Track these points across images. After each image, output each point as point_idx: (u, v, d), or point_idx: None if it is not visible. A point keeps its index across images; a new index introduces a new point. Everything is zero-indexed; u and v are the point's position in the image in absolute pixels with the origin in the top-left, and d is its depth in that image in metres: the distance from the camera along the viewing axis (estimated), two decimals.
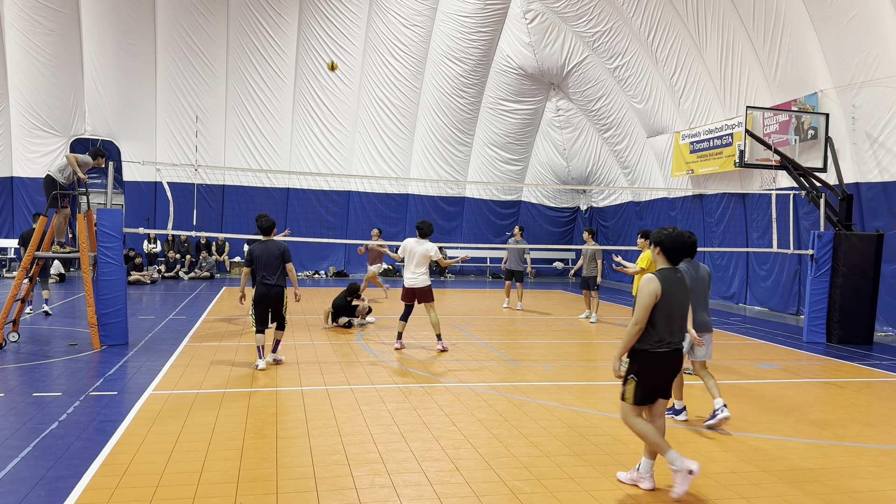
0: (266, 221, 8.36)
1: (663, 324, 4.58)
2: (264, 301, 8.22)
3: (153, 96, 20.80)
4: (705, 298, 6.51)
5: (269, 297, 8.19)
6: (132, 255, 19.02)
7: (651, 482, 4.77)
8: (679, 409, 6.56)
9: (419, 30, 21.35)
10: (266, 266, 8.15)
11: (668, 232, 4.71)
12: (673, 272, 4.70)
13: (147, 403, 6.54)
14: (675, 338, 4.67)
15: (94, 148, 10.12)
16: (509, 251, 15.17)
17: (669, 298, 4.58)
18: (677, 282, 4.67)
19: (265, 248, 8.20)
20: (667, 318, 4.59)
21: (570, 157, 23.37)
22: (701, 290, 6.40)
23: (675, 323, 4.64)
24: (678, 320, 4.68)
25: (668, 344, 4.62)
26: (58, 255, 9.92)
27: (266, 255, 8.15)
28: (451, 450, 5.48)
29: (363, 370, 8.35)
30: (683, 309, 4.73)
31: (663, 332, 4.59)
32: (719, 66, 15.85)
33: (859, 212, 12.88)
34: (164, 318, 12.02)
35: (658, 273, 4.64)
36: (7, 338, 9.33)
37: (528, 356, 9.70)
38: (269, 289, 8.16)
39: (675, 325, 4.65)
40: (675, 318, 4.64)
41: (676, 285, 4.65)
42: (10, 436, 5.50)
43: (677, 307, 4.65)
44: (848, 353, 10.66)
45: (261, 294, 8.19)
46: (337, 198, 22.69)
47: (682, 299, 4.69)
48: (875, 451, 5.82)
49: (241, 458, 5.11)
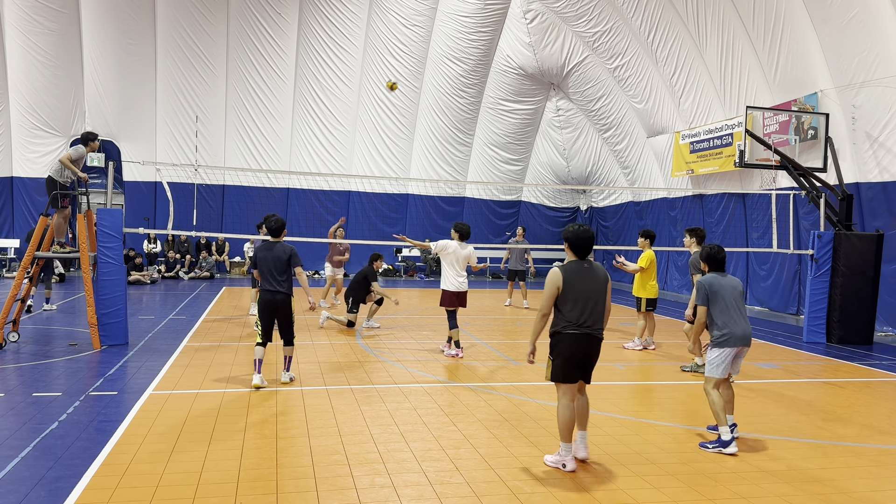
0: (276, 222, 7.61)
1: (569, 309, 5.09)
2: (270, 310, 7.39)
3: (153, 96, 20.80)
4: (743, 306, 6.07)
5: (275, 305, 7.37)
6: (132, 255, 19.02)
7: (573, 463, 5.12)
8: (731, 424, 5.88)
9: (419, 30, 21.35)
10: (271, 271, 7.36)
11: (573, 229, 5.27)
12: (579, 264, 5.21)
13: (147, 403, 6.54)
14: (585, 322, 5.10)
15: (84, 133, 9.84)
16: (511, 251, 15.18)
17: (574, 288, 5.09)
18: (583, 272, 5.16)
19: (270, 250, 7.42)
20: (573, 305, 5.08)
21: (570, 157, 23.37)
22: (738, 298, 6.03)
23: (582, 309, 5.09)
24: (588, 307, 5.10)
25: (577, 327, 5.08)
26: (58, 255, 9.92)
27: (271, 258, 7.37)
28: (451, 450, 5.48)
29: (363, 370, 8.34)
30: (593, 298, 5.13)
31: (571, 317, 5.09)
32: (719, 66, 15.86)
33: (859, 212, 12.88)
34: (164, 318, 12.02)
35: (562, 266, 5.20)
36: (7, 338, 9.33)
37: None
38: (273, 296, 7.35)
39: (583, 311, 5.09)
40: (580, 305, 5.09)
41: (581, 276, 5.14)
42: (10, 436, 5.50)
43: (583, 295, 5.10)
44: (848, 353, 10.66)
45: (266, 302, 7.38)
46: (337, 198, 22.69)
47: (587, 288, 5.11)
48: (875, 451, 5.82)
49: (241, 458, 5.11)
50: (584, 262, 5.25)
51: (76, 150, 9.59)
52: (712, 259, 6.10)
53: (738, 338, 5.82)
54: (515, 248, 15.02)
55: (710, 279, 5.95)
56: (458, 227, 9.48)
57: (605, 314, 5.25)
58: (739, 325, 5.84)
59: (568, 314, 5.11)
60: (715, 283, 5.91)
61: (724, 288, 5.90)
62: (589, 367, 5.25)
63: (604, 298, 5.22)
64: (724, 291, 5.88)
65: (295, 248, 7.57)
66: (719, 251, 6.09)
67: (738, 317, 5.86)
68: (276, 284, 7.37)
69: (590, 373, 5.29)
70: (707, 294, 5.88)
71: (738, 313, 5.87)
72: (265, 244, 7.58)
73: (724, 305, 5.85)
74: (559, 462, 5.16)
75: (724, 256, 6.10)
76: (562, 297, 5.13)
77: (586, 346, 5.14)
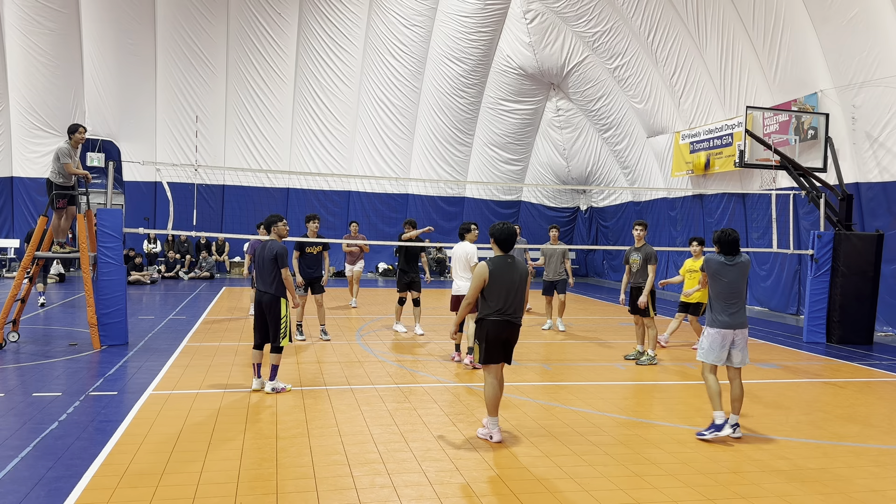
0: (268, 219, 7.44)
1: (494, 299, 5.68)
2: (259, 311, 7.17)
3: (153, 96, 20.79)
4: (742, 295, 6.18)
5: (262, 305, 7.11)
6: (132, 255, 19.02)
7: (500, 435, 5.73)
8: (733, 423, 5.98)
9: (419, 30, 21.35)
10: (261, 270, 7.15)
11: (499, 227, 5.82)
12: (503, 259, 5.77)
13: (147, 403, 6.54)
14: (506, 311, 5.69)
15: (69, 127, 9.54)
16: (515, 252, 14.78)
17: (498, 280, 5.67)
18: (506, 266, 5.72)
19: (263, 248, 7.17)
20: (497, 295, 5.67)
21: (570, 157, 23.36)
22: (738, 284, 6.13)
23: (504, 299, 5.67)
24: (510, 297, 5.69)
25: (499, 314, 5.68)
26: (58, 255, 9.91)
27: (262, 256, 7.12)
28: (451, 450, 5.48)
29: (363, 370, 8.34)
30: (514, 289, 5.72)
31: (495, 306, 5.67)
32: (719, 66, 15.85)
33: (859, 212, 12.87)
34: (164, 318, 12.02)
35: (489, 260, 5.75)
36: (7, 338, 9.33)
37: (528, 356, 9.70)
38: (261, 296, 7.10)
39: (505, 300, 5.67)
40: (503, 295, 5.67)
41: (505, 269, 5.71)
42: (10, 436, 5.50)
43: (506, 287, 5.68)
44: (848, 353, 10.66)
45: (256, 302, 7.22)
46: (337, 198, 22.69)
47: (510, 281, 5.70)
48: (875, 451, 5.81)
49: (241, 458, 5.11)
50: (508, 256, 5.81)
51: (62, 151, 9.20)
52: (722, 242, 6.17)
53: (727, 322, 5.99)
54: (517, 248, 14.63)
55: (714, 260, 6.15)
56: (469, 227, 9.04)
57: (523, 304, 5.86)
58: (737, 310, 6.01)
59: (492, 303, 5.69)
60: (717, 265, 6.11)
61: (727, 273, 6.07)
62: (509, 349, 5.86)
63: (524, 289, 5.83)
64: (726, 276, 6.05)
65: (285, 248, 7.18)
66: (731, 233, 6.15)
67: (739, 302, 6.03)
68: (263, 284, 7.11)
69: (510, 355, 5.88)
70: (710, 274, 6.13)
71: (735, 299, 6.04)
72: (261, 242, 7.34)
73: (721, 289, 6.06)
74: (487, 434, 5.77)
75: (736, 238, 6.13)
76: (488, 288, 5.69)
77: (507, 331, 5.74)
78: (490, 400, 5.73)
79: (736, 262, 6.11)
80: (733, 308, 6.03)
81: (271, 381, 7.11)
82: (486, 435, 5.77)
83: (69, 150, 9.29)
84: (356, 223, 14.79)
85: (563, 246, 12.33)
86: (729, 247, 6.14)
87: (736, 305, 6.05)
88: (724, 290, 6.06)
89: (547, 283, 12.41)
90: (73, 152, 9.36)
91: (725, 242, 6.16)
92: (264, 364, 7.38)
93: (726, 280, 6.06)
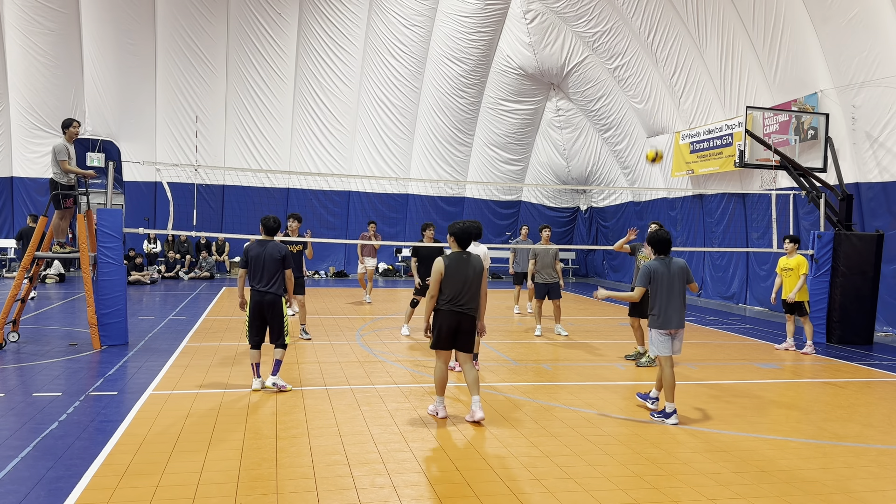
0: (274, 221, 7.49)
1: (447, 291, 6.17)
2: (258, 311, 7.19)
3: (153, 96, 20.80)
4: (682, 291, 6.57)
5: (263, 306, 7.17)
6: (132, 255, 19.02)
7: (445, 412, 6.36)
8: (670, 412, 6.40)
9: (419, 30, 21.35)
10: (262, 270, 7.18)
11: (460, 225, 6.32)
12: (459, 255, 6.26)
13: (147, 403, 6.54)
14: (458, 302, 6.17)
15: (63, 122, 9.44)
16: (518, 253, 14.30)
17: (453, 274, 6.17)
18: (461, 262, 6.22)
19: (263, 249, 7.23)
20: (451, 288, 6.16)
21: (570, 157, 23.37)
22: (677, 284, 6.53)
23: (458, 291, 6.17)
24: (463, 291, 6.18)
25: (451, 305, 6.17)
26: (58, 255, 9.91)
27: (265, 256, 7.19)
28: (451, 450, 5.48)
29: (363, 370, 8.34)
30: (468, 283, 6.19)
31: (448, 297, 6.18)
32: (719, 66, 15.85)
33: (859, 212, 12.87)
34: (164, 318, 12.02)
35: (445, 255, 6.24)
36: (7, 338, 9.32)
37: (528, 356, 9.70)
38: (262, 296, 7.15)
39: (458, 293, 6.17)
40: (457, 288, 6.16)
41: (460, 264, 6.21)
42: (10, 436, 5.50)
43: (460, 281, 6.17)
44: (848, 353, 10.66)
45: (254, 303, 7.20)
46: (337, 198, 22.69)
47: (464, 275, 6.18)
48: (875, 451, 5.81)
49: (241, 458, 5.11)
50: (464, 253, 6.30)
51: (58, 149, 9.13)
52: (653, 241, 6.63)
53: (669, 324, 6.46)
54: (523, 248, 14.28)
55: (653, 265, 6.52)
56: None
57: (481, 298, 6.33)
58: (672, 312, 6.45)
59: (445, 295, 6.19)
60: (657, 268, 6.50)
61: (666, 274, 6.49)
62: (461, 338, 6.28)
63: (478, 284, 6.28)
64: (665, 277, 6.47)
65: (289, 250, 7.40)
66: (667, 234, 6.61)
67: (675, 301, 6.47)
68: (266, 285, 7.17)
69: (464, 344, 6.30)
70: (648, 278, 6.53)
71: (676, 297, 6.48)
72: (258, 242, 7.38)
73: (663, 290, 6.47)
74: (434, 410, 6.40)
75: (668, 238, 6.58)
76: (443, 281, 6.18)
77: (457, 322, 6.21)
78: (438, 381, 6.35)
79: (670, 262, 6.53)
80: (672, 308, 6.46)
81: (273, 376, 7.21)
82: (434, 411, 6.39)
83: (65, 147, 9.20)
84: (374, 223, 15.51)
85: (554, 246, 11.91)
86: (660, 246, 6.57)
87: (674, 305, 6.47)
88: (663, 289, 6.46)
89: (539, 286, 11.67)
90: (69, 148, 9.27)
91: (656, 241, 6.58)
92: (264, 363, 7.49)
93: (663, 280, 6.46)
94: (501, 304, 15.82)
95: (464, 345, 6.30)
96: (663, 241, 6.55)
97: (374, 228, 15.22)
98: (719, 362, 9.56)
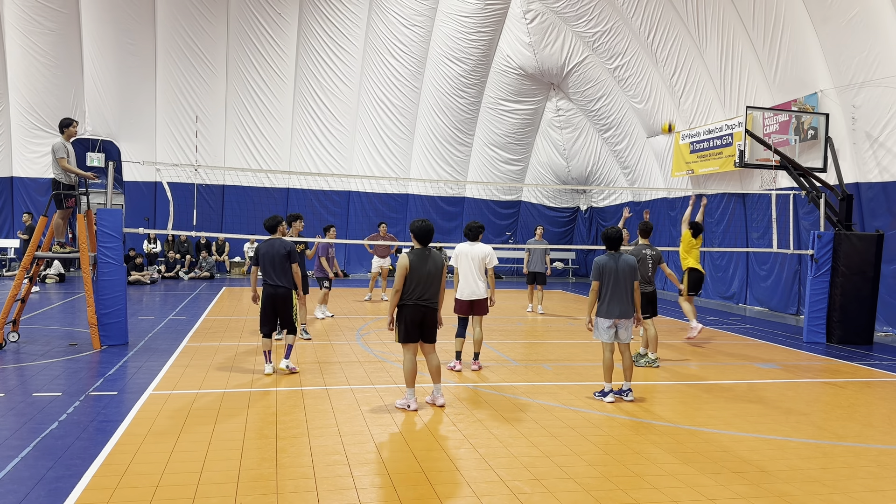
0: (272, 219, 8.20)
1: (411, 287, 6.51)
2: (271, 303, 7.91)
3: (153, 96, 20.79)
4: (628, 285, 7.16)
5: (276, 298, 7.89)
6: (132, 255, 19.02)
7: (416, 404, 6.58)
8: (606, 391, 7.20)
9: (419, 30, 21.34)
10: (273, 266, 7.88)
11: (420, 224, 6.68)
12: (421, 251, 6.62)
13: (147, 403, 6.54)
14: (422, 297, 6.53)
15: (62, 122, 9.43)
16: (532, 252, 14.27)
17: (416, 270, 6.51)
18: (424, 258, 6.58)
19: (272, 247, 7.94)
20: (415, 284, 6.51)
21: (570, 157, 23.37)
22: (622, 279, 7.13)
23: (422, 287, 6.51)
24: (426, 286, 6.53)
25: (415, 299, 6.52)
26: (58, 255, 9.91)
27: (272, 254, 7.89)
28: (452, 450, 5.48)
29: (363, 370, 8.35)
30: (430, 278, 6.55)
31: (411, 293, 6.51)
32: (719, 66, 15.85)
33: (859, 212, 12.87)
34: (164, 318, 12.02)
35: (409, 252, 6.59)
36: (7, 338, 9.33)
37: (528, 356, 9.70)
38: (274, 290, 7.88)
39: (421, 288, 6.51)
40: (421, 284, 6.51)
41: (422, 261, 6.56)
42: (10, 436, 5.50)
43: (423, 276, 6.53)
44: (848, 353, 10.66)
45: (267, 296, 7.91)
46: (337, 198, 22.69)
47: (426, 271, 6.55)
48: (875, 451, 5.82)
49: (241, 458, 5.11)
50: (426, 249, 6.65)
51: (56, 147, 9.12)
52: (607, 239, 7.26)
53: (614, 313, 7.05)
54: (536, 248, 14.26)
55: (602, 259, 7.16)
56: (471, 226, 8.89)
57: (440, 292, 6.67)
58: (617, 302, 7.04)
59: (409, 290, 6.52)
60: (605, 263, 7.13)
61: (613, 268, 7.09)
62: (426, 330, 6.65)
63: (439, 279, 6.64)
64: (612, 271, 7.08)
65: (294, 246, 8.08)
66: (616, 232, 7.23)
67: (620, 293, 7.04)
68: (276, 279, 7.91)
69: (429, 334, 6.68)
70: (599, 271, 7.12)
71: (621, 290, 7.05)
72: (267, 241, 8.09)
73: (609, 283, 7.06)
74: (405, 404, 6.59)
75: (618, 237, 7.22)
76: (408, 277, 6.51)
77: (421, 315, 6.56)
78: (407, 373, 6.62)
79: (619, 258, 7.13)
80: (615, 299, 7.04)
81: (286, 359, 8.05)
82: (404, 405, 6.59)
83: (63, 146, 9.19)
84: (385, 224, 16.25)
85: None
86: (610, 243, 7.22)
87: (618, 297, 7.04)
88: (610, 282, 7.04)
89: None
90: (68, 148, 9.24)
91: (605, 238, 7.27)
92: (275, 350, 8.47)
93: (611, 273, 7.04)
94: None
95: (429, 336, 6.69)
96: (611, 238, 7.21)
97: (385, 229, 15.79)
98: (719, 362, 9.56)
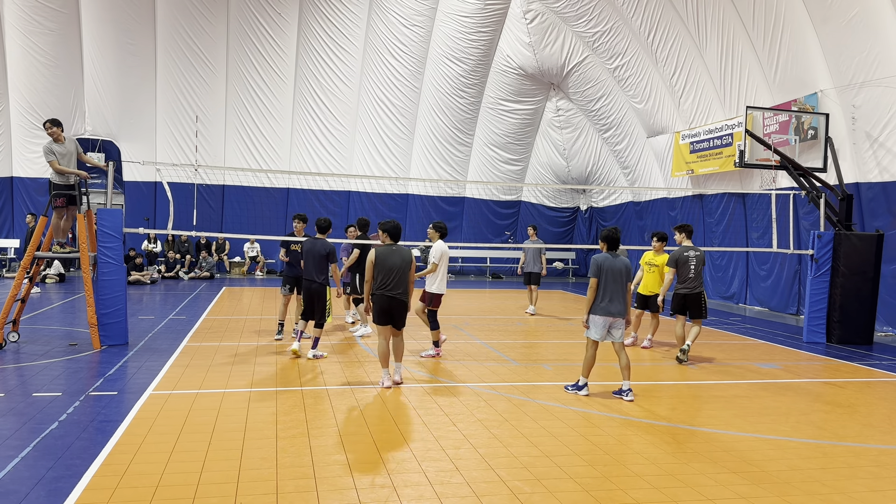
0: (325, 221, 9.06)
1: (380, 279, 7.33)
2: (308, 297, 8.88)
3: (153, 96, 20.79)
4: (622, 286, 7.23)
5: (311, 293, 8.81)
6: (132, 255, 19.02)
7: (390, 381, 7.43)
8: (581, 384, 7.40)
9: (419, 30, 21.34)
10: (313, 264, 8.75)
11: (392, 224, 7.53)
12: (389, 247, 7.44)
13: (147, 403, 6.54)
14: (388, 287, 7.31)
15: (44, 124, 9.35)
16: (527, 252, 14.24)
17: (383, 263, 7.31)
18: (390, 253, 7.37)
19: (314, 245, 8.83)
20: (383, 276, 7.31)
21: (570, 157, 23.37)
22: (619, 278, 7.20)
23: (389, 279, 7.29)
24: (392, 277, 7.29)
25: (383, 290, 7.33)
26: (58, 256, 9.90)
27: (314, 252, 8.78)
28: (451, 450, 5.48)
29: (363, 370, 8.35)
30: (395, 270, 7.30)
31: (380, 283, 7.34)
32: (719, 66, 15.85)
33: (859, 212, 12.87)
34: (164, 318, 12.02)
35: (376, 248, 7.37)
36: (7, 338, 9.32)
37: (528, 356, 9.70)
38: (311, 285, 8.79)
39: (388, 280, 7.29)
40: (388, 275, 7.29)
41: (389, 255, 7.34)
42: (10, 436, 5.50)
43: (389, 269, 7.30)
44: (848, 353, 10.66)
45: (306, 290, 8.86)
46: (337, 198, 22.69)
47: (391, 264, 7.31)
48: (875, 451, 5.82)
49: (241, 458, 5.11)
50: (394, 245, 7.46)
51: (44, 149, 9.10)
52: (607, 239, 7.36)
53: (611, 311, 7.13)
54: (531, 248, 14.22)
55: (601, 257, 7.25)
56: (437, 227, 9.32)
57: (409, 284, 7.41)
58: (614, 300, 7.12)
59: (378, 281, 7.35)
60: (604, 261, 7.21)
61: (611, 268, 7.18)
62: (394, 317, 7.42)
63: (406, 272, 7.39)
64: (610, 271, 7.16)
65: (334, 247, 8.88)
66: (614, 232, 7.37)
67: (616, 293, 7.13)
68: (314, 275, 8.78)
69: (398, 322, 7.47)
70: (598, 269, 7.20)
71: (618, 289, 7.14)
72: (310, 240, 8.98)
73: (606, 282, 7.14)
74: (379, 382, 7.45)
75: (618, 237, 7.35)
76: (374, 269, 7.32)
77: (388, 304, 7.34)
78: (380, 355, 7.45)
79: (616, 258, 7.24)
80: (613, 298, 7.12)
81: (314, 349, 8.83)
82: (378, 383, 7.44)
83: (49, 148, 9.14)
84: None
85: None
86: (611, 243, 7.35)
87: (616, 296, 7.12)
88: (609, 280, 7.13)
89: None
90: (55, 148, 9.16)
91: (604, 237, 7.37)
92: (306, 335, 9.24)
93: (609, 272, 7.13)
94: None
95: (397, 323, 7.48)
96: (611, 238, 7.35)
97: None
98: (719, 362, 9.56)
